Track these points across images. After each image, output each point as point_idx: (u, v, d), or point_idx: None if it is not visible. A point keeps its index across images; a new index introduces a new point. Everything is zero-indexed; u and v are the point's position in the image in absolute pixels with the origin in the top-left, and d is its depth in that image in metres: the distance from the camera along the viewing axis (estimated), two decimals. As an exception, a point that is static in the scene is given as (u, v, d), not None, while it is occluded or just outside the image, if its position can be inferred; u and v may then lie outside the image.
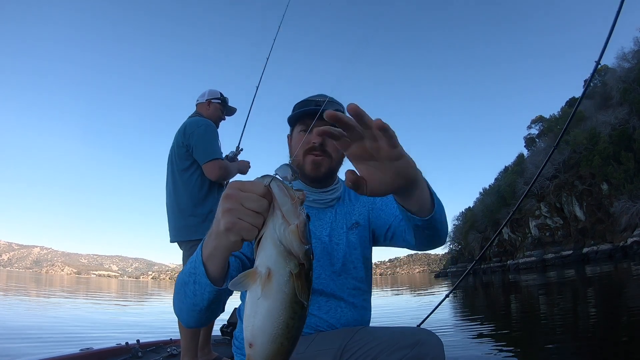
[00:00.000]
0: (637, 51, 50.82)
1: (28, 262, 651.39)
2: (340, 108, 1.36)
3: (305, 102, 1.35)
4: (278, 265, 0.64)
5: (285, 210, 0.65)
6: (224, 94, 3.22)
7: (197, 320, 0.96)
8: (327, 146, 1.29)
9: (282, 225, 0.65)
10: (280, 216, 0.65)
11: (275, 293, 0.63)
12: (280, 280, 0.63)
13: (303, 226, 0.65)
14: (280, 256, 0.64)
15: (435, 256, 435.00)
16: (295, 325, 0.65)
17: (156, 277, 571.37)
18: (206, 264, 0.82)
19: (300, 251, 0.64)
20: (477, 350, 4.67)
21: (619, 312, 6.95)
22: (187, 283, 0.88)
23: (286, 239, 0.64)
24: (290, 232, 0.64)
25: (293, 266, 0.64)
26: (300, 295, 0.64)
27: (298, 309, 0.64)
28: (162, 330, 6.27)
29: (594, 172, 49.78)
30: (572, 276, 20.26)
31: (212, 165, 2.76)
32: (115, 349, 3.03)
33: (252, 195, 0.67)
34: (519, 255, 60.87)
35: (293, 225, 0.64)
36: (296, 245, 0.64)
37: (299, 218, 0.65)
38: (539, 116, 76.89)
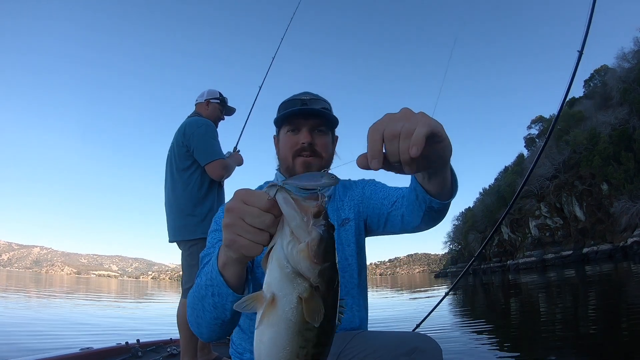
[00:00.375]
0: (637, 51, 50.82)
1: (28, 262, 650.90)
2: (327, 105, 1.32)
3: (291, 102, 1.30)
4: (283, 290, 0.57)
5: (294, 226, 0.58)
6: (223, 94, 3.22)
7: (219, 334, 0.91)
8: (316, 146, 1.25)
9: (289, 243, 0.58)
10: (289, 233, 0.58)
11: (280, 321, 0.56)
12: (285, 306, 0.56)
13: (315, 244, 0.56)
14: (286, 279, 0.57)
15: (435, 256, 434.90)
16: (308, 354, 0.58)
17: (156, 277, 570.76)
18: (223, 273, 0.77)
19: (312, 274, 0.56)
20: (477, 350, 4.67)
21: (619, 312, 6.95)
22: (205, 296, 0.83)
23: (294, 259, 0.57)
24: (299, 251, 0.56)
25: (302, 290, 0.56)
26: (312, 319, 0.55)
27: (311, 336, 0.57)
28: (162, 330, 6.27)
29: (594, 172, 49.79)
30: (572, 276, 20.26)
31: (214, 166, 2.76)
32: (115, 349, 3.03)
33: (254, 210, 0.61)
34: (519, 256, 60.87)
35: (303, 244, 0.57)
36: (305, 266, 0.56)
37: (310, 235, 0.57)
38: (539, 116, 76.90)
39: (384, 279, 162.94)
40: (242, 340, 1.24)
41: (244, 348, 1.23)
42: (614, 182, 46.11)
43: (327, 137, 1.29)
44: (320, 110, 1.25)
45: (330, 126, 1.31)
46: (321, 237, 0.57)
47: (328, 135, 1.30)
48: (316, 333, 0.57)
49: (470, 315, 9.11)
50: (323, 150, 1.27)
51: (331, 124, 1.31)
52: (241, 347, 1.24)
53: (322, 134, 1.27)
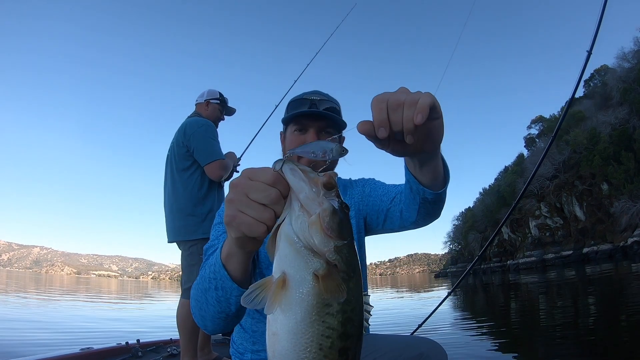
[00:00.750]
0: (637, 51, 50.83)
1: (28, 262, 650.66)
2: (336, 106, 1.32)
3: (300, 101, 1.30)
4: (296, 267, 0.50)
5: (302, 197, 0.52)
6: (223, 94, 3.22)
7: (224, 327, 0.89)
8: None
9: (299, 217, 0.52)
10: (297, 207, 0.53)
11: (296, 305, 0.49)
12: (299, 287, 0.49)
13: (327, 215, 0.50)
14: (298, 256, 0.50)
15: (435, 256, 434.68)
16: (334, 346, 0.49)
17: (156, 277, 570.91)
18: (226, 265, 0.74)
19: (326, 248, 0.50)
20: (477, 350, 4.67)
21: (619, 311, 6.95)
22: (208, 289, 0.80)
23: (305, 233, 0.50)
24: (310, 224, 0.50)
25: (318, 266, 0.49)
26: (333, 297, 0.49)
27: (334, 324, 0.49)
28: (162, 330, 6.27)
29: (594, 172, 49.77)
30: (573, 276, 20.25)
31: (214, 166, 2.76)
32: (116, 349, 3.02)
33: (259, 184, 0.56)
34: (519, 256, 60.83)
35: (314, 215, 0.51)
36: (318, 240, 0.50)
37: (321, 205, 0.51)
38: (539, 116, 76.94)
39: (384, 279, 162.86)
40: (243, 339, 1.23)
41: (244, 348, 1.22)
42: (614, 182, 46.10)
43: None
44: (329, 113, 1.25)
45: (338, 128, 1.31)
46: (334, 208, 0.51)
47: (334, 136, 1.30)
48: (340, 320, 0.49)
49: (470, 315, 9.10)
50: None
51: (339, 125, 1.31)
52: (242, 347, 1.23)
53: (329, 135, 1.27)
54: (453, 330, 6.48)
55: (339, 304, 0.49)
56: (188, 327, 2.62)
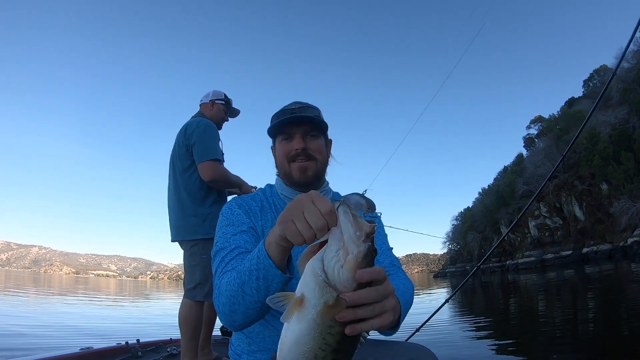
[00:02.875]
0: (636, 51, 50.88)
1: (27, 262, 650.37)
2: (316, 112, 1.36)
3: (281, 112, 1.33)
4: (312, 295, 0.61)
5: (347, 237, 0.62)
6: (228, 95, 3.21)
7: (255, 318, 0.97)
8: (310, 150, 1.29)
9: (333, 258, 0.62)
10: (334, 244, 0.63)
11: (306, 321, 0.61)
12: (311, 308, 0.61)
13: (362, 256, 0.61)
14: (317, 287, 0.61)
15: (434, 256, 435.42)
16: (325, 357, 0.62)
17: (155, 277, 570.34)
18: (269, 252, 0.85)
19: (350, 286, 0.61)
20: (477, 350, 4.67)
21: (619, 312, 6.95)
22: (247, 282, 0.90)
23: (332, 270, 0.61)
24: (347, 261, 0.61)
25: (330, 298, 0.61)
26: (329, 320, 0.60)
27: (331, 341, 0.61)
28: (162, 330, 6.26)
29: (594, 172, 49.84)
30: (572, 276, 20.27)
31: (206, 166, 2.72)
32: (115, 349, 3.01)
33: (315, 210, 0.69)
34: (518, 256, 60.92)
35: (351, 255, 0.61)
36: (346, 277, 0.61)
37: (358, 247, 0.61)
38: (538, 116, 77.09)
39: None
40: (241, 342, 1.25)
41: (242, 349, 1.24)
42: (614, 182, 46.14)
43: (320, 141, 1.33)
44: (309, 116, 1.29)
45: (322, 130, 1.35)
46: (368, 251, 0.62)
47: (321, 139, 1.33)
48: (337, 339, 0.62)
49: (469, 315, 9.10)
50: (317, 153, 1.31)
51: (322, 128, 1.35)
52: (239, 349, 1.25)
53: (315, 138, 1.31)
54: (452, 330, 6.48)
55: (339, 326, 0.62)
56: (190, 326, 2.61)
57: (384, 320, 0.66)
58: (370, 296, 0.64)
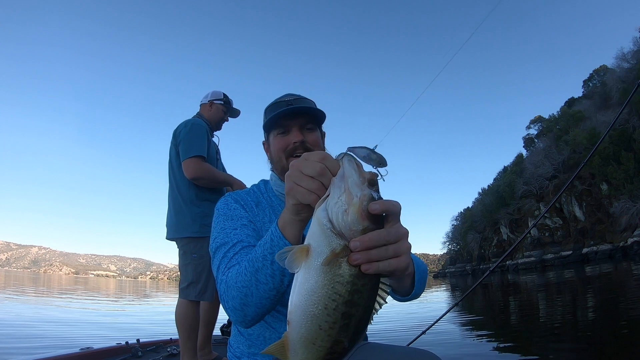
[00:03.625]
0: (636, 51, 50.94)
1: (26, 262, 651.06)
2: (311, 103, 1.32)
3: (276, 105, 1.29)
4: (319, 243, 0.60)
5: (350, 182, 0.61)
6: (228, 96, 3.21)
7: (269, 308, 0.93)
8: (308, 143, 1.25)
9: (338, 202, 0.60)
10: (336, 192, 0.62)
11: (313, 269, 0.59)
12: (319, 258, 0.59)
13: (367, 200, 0.59)
14: (324, 235, 0.60)
15: (433, 256, 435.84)
16: (337, 309, 0.58)
17: (154, 277, 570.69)
18: (284, 233, 0.84)
19: (357, 228, 0.59)
20: (477, 350, 4.66)
21: (619, 312, 6.95)
22: (260, 269, 0.87)
23: (337, 216, 0.59)
24: (350, 204, 0.59)
25: (336, 246, 0.58)
26: (335, 264, 0.58)
27: (343, 292, 0.58)
28: (162, 330, 6.26)
29: (594, 172, 49.85)
30: (572, 277, 20.28)
31: (188, 163, 2.71)
32: (115, 349, 3.01)
33: (309, 162, 0.70)
34: (518, 256, 60.91)
35: (356, 198, 0.59)
36: (352, 219, 0.59)
37: (363, 192, 0.60)
38: (538, 116, 77.18)
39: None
40: (239, 343, 1.24)
41: (241, 351, 1.22)
42: (614, 182, 46.16)
43: (317, 133, 1.30)
44: (308, 107, 1.27)
45: (318, 122, 1.33)
46: (373, 196, 0.60)
47: (317, 132, 1.31)
48: (349, 289, 0.58)
49: (470, 315, 9.09)
50: (315, 146, 1.27)
51: (319, 120, 1.33)
52: (239, 351, 1.23)
53: (312, 131, 1.28)
54: (452, 329, 6.47)
55: (350, 275, 0.58)
56: (187, 326, 2.62)
57: (400, 261, 0.62)
58: (382, 237, 0.60)
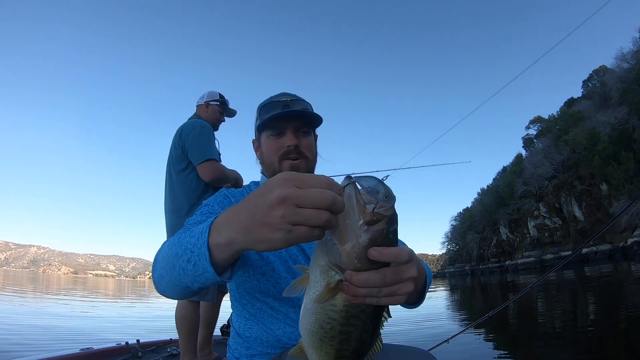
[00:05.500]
0: (636, 52, 51.08)
1: (25, 262, 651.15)
2: (307, 105, 1.28)
3: (271, 105, 1.23)
4: (315, 275, 0.60)
5: (347, 223, 0.55)
6: (224, 96, 3.22)
7: (177, 295, 0.86)
8: (302, 147, 1.21)
9: (331, 237, 0.56)
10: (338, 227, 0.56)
11: (309, 296, 0.61)
12: (313, 288, 0.60)
13: (359, 249, 0.55)
14: (320, 269, 0.59)
15: (432, 257, 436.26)
16: (333, 329, 0.61)
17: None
18: (213, 250, 0.67)
19: (353, 267, 0.57)
20: (477, 350, 4.66)
21: (618, 312, 6.96)
22: (180, 256, 0.74)
23: (333, 254, 0.57)
24: (342, 251, 0.56)
25: (331, 280, 0.58)
26: (319, 301, 0.60)
27: (337, 317, 0.60)
28: (162, 330, 6.25)
29: (594, 172, 49.93)
30: (572, 277, 20.30)
31: (206, 166, 2.75)
32: (115, 349, 3.00)
33: (313, 191, 0.52)
34: (518, 256, 61.02)
35: (349, 244, 0.55)
36: (345, 262, 0.56)
37: (358, 239, 0.55)
38: (538, 116, 77.29)
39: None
40: (238, 344, 1.23)
41: (240, 353, 1.21)
42: (614, 182, 46.23)
43: (311, 137, 1.26)
44: (304, 111, 1.22)
45: (313, 126, 1.29)
46: (374, 242, 0.55)
47: (311, 136, 1.27)
48: (343, 316, 0.60)
49: (469, 315, 9.10)
50: (308, 151, 1.24)
51: (314, 123, 1.28)
52: (237, 352, 1.22)
53: (306, 134, 1.24)
54: (452, 329, 6.47)
55: (344, 305, 0.59)
56: (186, 327, 2.62)
57: (394, 300, 0.61)
58: (376, 280, 0.57)
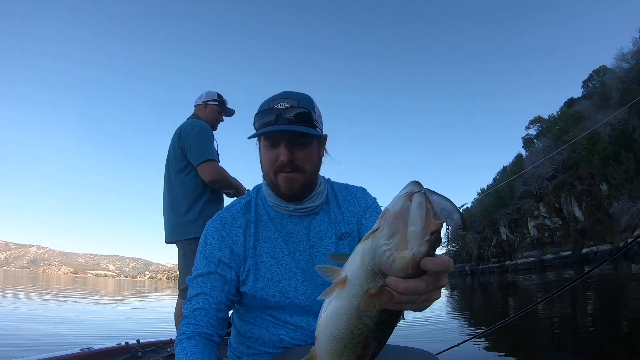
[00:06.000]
0: (636, 52, 51.04)
1: (25, 262, 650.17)
2: (305, 108, 1.14)
3: (267, 112, 1.12)
4: (357, 279, 0.59)
5: (410, 231, 0.55)
6: (222, 95, 3.22)
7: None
8: (297, 160, 1.13)
9: (384, 245, 0.56)
10: (389, 230, 0.56)
11: (345, 300, 0.60)
12: (352, 291, 0.59)
13: (420, 257, 0.54)
14: (363, 272, 0.58)
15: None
16: (362, 334, 0.61)
17: (153, 277, 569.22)
18: None
19: (397, 275, 0.56)
20: (477, 350, 4.65)
21: (619, 312, 6.96)
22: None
23: (382, 260, 0.56)
24: (401, 257, 0.54)
25: (372, 285, 0.58)
26: (366, 310, 0.59)
27: (369, 322, 0.60)
28: (162, 330, 6.25)
29: (594, 172, 49.87)
30: (571, 277, 20.28)
31: (205, 167, 2.76)
32: (115, 349, 2.99)
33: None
34: (518, 256, 60.91)
35: (409, 251, 0.54)
36: (398, 270, 0.55)
37: (420, 247, 0.54)
38: (537, 116, 77.13)
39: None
40: (239, 343, 1.24)
41: (240, 352, 1.23)
42: (614, 182, 46.16)
43: (310, 147, 1.16)
44: (296, 128, 1.10)
45: (310, 135, 1.16)
46: (429, 252, 0.55)
47: (311, 144, 1.17)
48: (375, 320, 0.60)
49: (469, 315, 9.10)
50: (305, 163, 1.15)
51: (311, 134, 1.17)
52: (238, 351, 1.24)
53: (304, 146, 1.14)
54: (451, 328, 6.48)
55: (379, 311, 0.59)
56: None
57: (424, 307, 0.63)
58: (420, 289, 0.57)
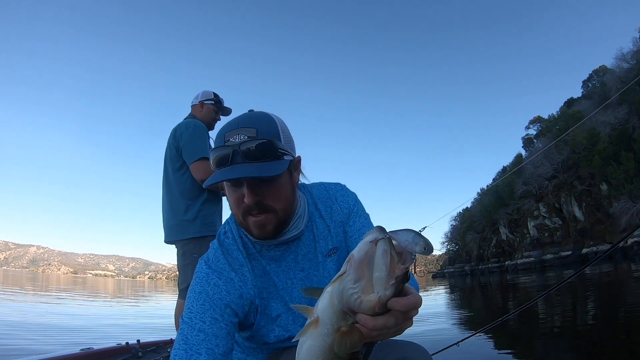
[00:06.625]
0: (635, 52, 51.16)
1: (24, 262, 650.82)
2: (265, 137, 0.95)
3: (221, 149, 0.94)
4: (328, 319, 0.62)
5: (376, 276, 0.57)
6: (218, 95, 3.23)
7: None
8: (265, 200, 0.96)
9: (351, 289, 0.58)
10: (354, 274, 0.58)
11: (319, 339, 0.62)
12: (324, 330, 0.62)
13: (385, 300, 0.58)
14: (333, 314, 0.61)
15: (432, 257, 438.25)
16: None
17: (153, 277, 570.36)
18: None
19: (366, 313, 0.59)
20: (477, 350, 4.63)
21: (618, 312, 6.96)
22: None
23: (350, 301, 0.59)
24: (367, 301, 0.58)
25: (343, 324, 0.61)
26: (340, 350, 0.61)
27: (344, 355, 0.63)
28: (162, 330, 6.24)
29: (594, 172, 49.96)
30: (571, 277, 20.30)
31: (197, 165, 2.76)
32: (116, 349, 2.98)
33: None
34: (518, 256, 61.03)
35: (374, 295, 0.57)
36: (364, 309, 0.58)
37: (385, 291, 0.57)
38: (537, 116, 77.33)
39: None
40: (237, 352, 1.24)
41: (238, 358, 1.23)
42: (614, 182, 46.25)
43: (278, 182, 0.98)
44: (254, 171, 0.92)
45: (274, 170, 0.96)
46: (395, 294, 0.58)
47: (279, 179, 0.98)
48: (348, 354, 0.63)
49: (469, 315, 9.09)
50: (275, 202, 0.98)
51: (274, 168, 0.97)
52: (236, 357, 1.24)
53: (270, 182, 0.96)
54: (451, 328, 6.47)
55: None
56: None
57: (395, 336, 0.65)
58: (390, 324, 0.59)
